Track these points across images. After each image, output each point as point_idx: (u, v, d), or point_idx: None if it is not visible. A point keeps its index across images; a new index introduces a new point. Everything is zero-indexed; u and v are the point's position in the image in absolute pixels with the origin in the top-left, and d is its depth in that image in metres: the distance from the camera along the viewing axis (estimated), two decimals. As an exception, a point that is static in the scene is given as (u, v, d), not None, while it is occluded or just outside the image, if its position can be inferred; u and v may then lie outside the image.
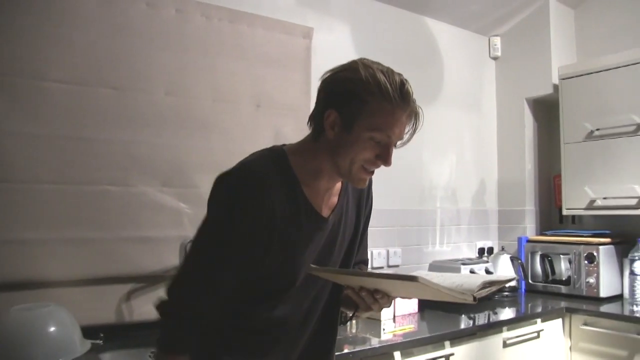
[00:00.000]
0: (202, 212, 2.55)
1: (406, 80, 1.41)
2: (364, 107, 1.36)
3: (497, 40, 4.14)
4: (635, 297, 3.24)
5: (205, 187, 2.59)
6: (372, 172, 1.46)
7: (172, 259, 2.50)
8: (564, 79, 3.66)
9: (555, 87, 3.77)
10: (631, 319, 2.97)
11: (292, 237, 1.43)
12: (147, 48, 2.50)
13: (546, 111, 4.07)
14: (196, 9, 2.64)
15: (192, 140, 2.61)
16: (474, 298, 1.30)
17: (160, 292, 2.43)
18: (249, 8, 2.82)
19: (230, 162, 2.64)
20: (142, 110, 2.48)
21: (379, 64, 1.42)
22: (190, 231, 2.55)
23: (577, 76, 3.58)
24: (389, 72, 1.39)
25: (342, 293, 1.59)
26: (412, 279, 1.25)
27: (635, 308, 3.17)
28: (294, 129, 2.92)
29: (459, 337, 2.61)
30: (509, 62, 4.12)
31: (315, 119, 1.45)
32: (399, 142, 1.44)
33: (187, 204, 2.58)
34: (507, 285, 3.32)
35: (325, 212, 1.51)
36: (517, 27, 4.06)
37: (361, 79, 1.36)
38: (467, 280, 1.36)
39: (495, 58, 4.18)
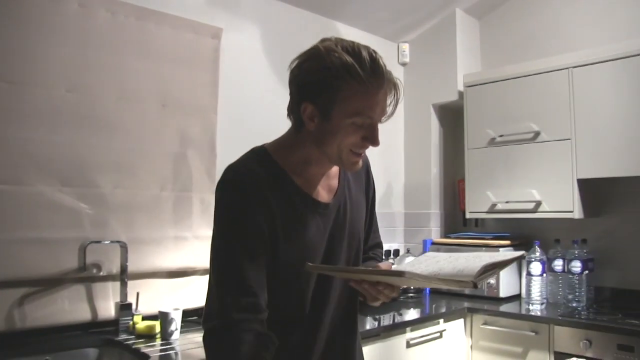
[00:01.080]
0: (102, 212, 2.51)
1: (375, 51, 1.35)
2: (338, 95, 1.31)
3: (405, 47, 4.23)
4: (532, 296, 3.38)
5: (107, 187, 2.55)
6: (363, 154, 1.45)
7: (70, 262, 2.41)
8: (468, 86, 3.77)
9: (461, 94, 3.89)
10: (526, 317, 3.09)
11: (294, 227, 1.40)
12: (47, 42, 2.39)
13: (452, 117, 4.19)
14: (100, 4, 2.56)
15: (94, 139, 2.52)
16: (474, 284, 1.26)
17: (57, 296, 2.38)
18: (157, 6, 2.76)
19: (134, 161, 2.64)
20: (41, 107, 2.37)
21: (342, 41, 1.36)
22: (90, 232, 2.48)
23: (481, 84, 3.71)
24: (355, 50, 1.33)
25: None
26: (400, 274, 1.25)
27: (531, 307, 3.31)
28: (200, 130, 2.88)
29: (363, 339, 2.62)
30: (416, 68, 4.22)
31: (293, 111, 1.42)
32: (384, 117, 1.41)
33: (87, 204, 2.49)
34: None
35: (326, 197, 1.50)
36: (425, 34, 4.16)
37: (328, 67, 1.31)
38: (468, 265, 1.32)
39: (403, 64, 4.27)
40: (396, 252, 3.88)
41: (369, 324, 2.83)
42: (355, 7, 3.69)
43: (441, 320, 3.15)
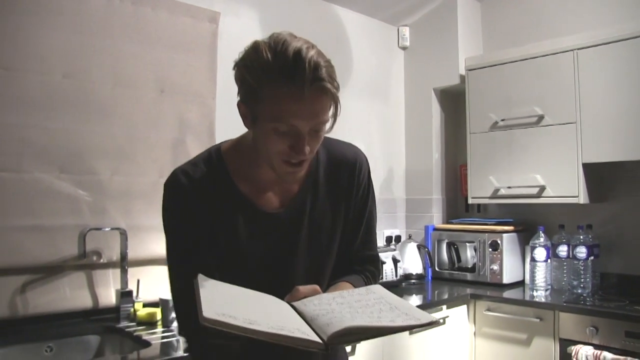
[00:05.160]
0: (101, 199, 2.48)
1: (307, 48, 1.18)
2: (258, 96, 1.18)
3: (405, 30, 4.17)
4: (536, 282, 3.35)
5: (105, 173, 2.52)
6: (300, 164, 1.25)
7: (69, 249, 2.38)
8: (470, 70, 3.72)
9: (462, 77, 3.83)
10: (530, 303, 3.07)
11: (229, 233, 1.34)
12: (43, 27, 2.35)
13: (453, 101, 4.15)
14: (96, -12, 2.50)
15: (91, 125, 2.49)
16: (326, 347, 1.02)
17: (57, 284, 2.35)
18: (153, -11, 2.69)
19: (132, 148, 2.60)
20: (37, 93, 2.34)
21: (278, 37, 1.20)
22: (89, 219, 2.46)
23: (482, 67, 3.65)
24: (281, 48, 1.16)
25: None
26: (208, 321, 0.97)
27: (535, 293, 3.28)
28: (198, 115, 2.85)
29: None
30: (417, 52, 4.16)
31: None
32: (326, 126, 1.24)
33: (86, 191, 2.46)
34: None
35: (276, 204, 1.39)
36: (425, 17, 4.10)
37: (246, 66, 1.19)
38: (336, 318, 1.08)
39: (404, 48, 4.21)
40: (397, 238, 3.85)
41: (373, 310, 2.80)
42: (355, -10, 3.63)
43: (444, 307, 3.12)
